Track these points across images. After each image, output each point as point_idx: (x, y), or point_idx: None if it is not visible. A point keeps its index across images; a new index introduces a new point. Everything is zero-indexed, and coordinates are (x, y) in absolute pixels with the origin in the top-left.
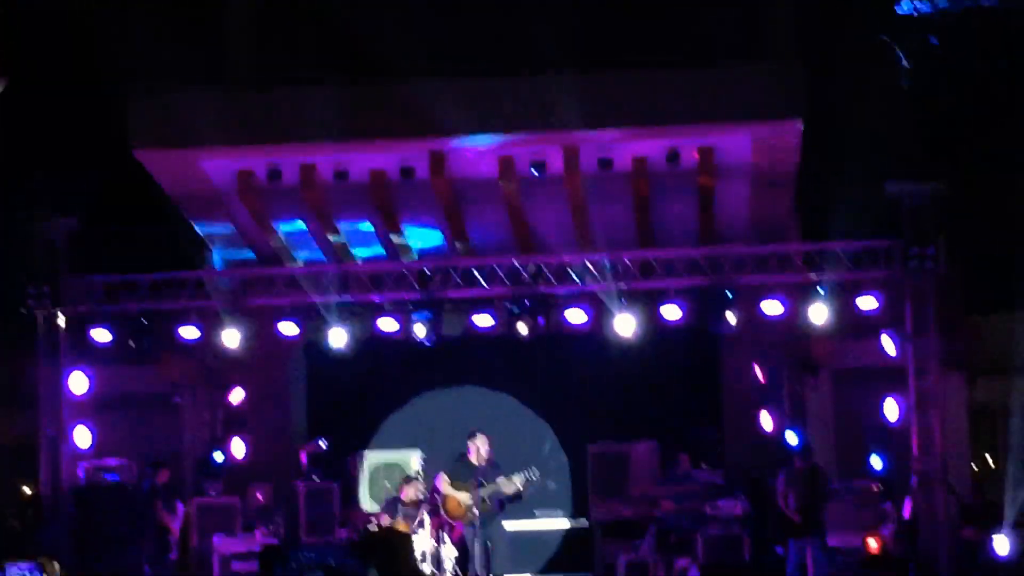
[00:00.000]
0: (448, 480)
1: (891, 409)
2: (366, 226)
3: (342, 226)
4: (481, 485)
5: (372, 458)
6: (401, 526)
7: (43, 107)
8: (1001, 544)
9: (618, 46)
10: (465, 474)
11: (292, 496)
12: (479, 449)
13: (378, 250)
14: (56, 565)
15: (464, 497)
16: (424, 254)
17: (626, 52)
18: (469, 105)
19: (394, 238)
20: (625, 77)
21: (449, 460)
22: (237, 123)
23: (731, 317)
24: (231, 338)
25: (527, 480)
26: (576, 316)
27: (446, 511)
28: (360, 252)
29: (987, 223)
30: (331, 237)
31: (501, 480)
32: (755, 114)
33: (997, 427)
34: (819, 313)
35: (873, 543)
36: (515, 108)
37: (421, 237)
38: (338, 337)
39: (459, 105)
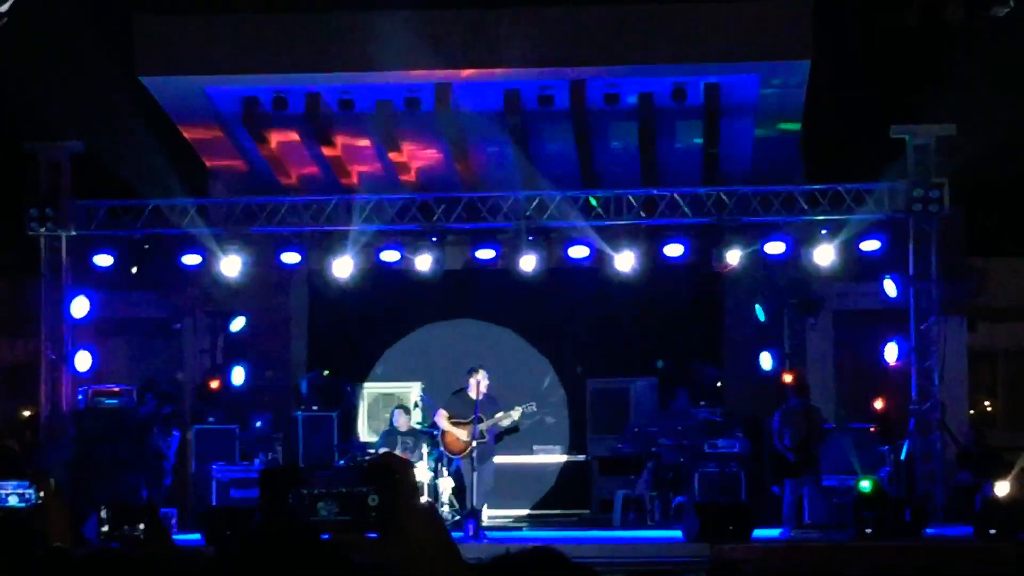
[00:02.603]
0: (447, 415)
1: (891, 352)
2: (364, 142)
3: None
4: (479, 420)
5: (371, 389)
6: (416, 468)
7: (49, 30)
8: (1000, 488)
9: None
10: (464, 409)
11: (291, 425)
12: (478, 384)
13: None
14: (52, 482)
15: (462, 432)
16: (424, 174)
17: None
18: (475, 38)
19: (393, 156)
20: (633, 12)
21: (448, 394)
22: (243, 50)
23: (734, 256)
24: (232, 266)
25: (524, 413)
26: (578, 252)
27: (445, 446)
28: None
29: (991, 166)
30: (326, 151)
31: (499, 414)
32: (763, 53)
33: (997, 372)
34: (822, 254)
35: (865, 485)
36: (522, 42)
37: (421, 157)
38: (342, 267)
39: (465, 38)
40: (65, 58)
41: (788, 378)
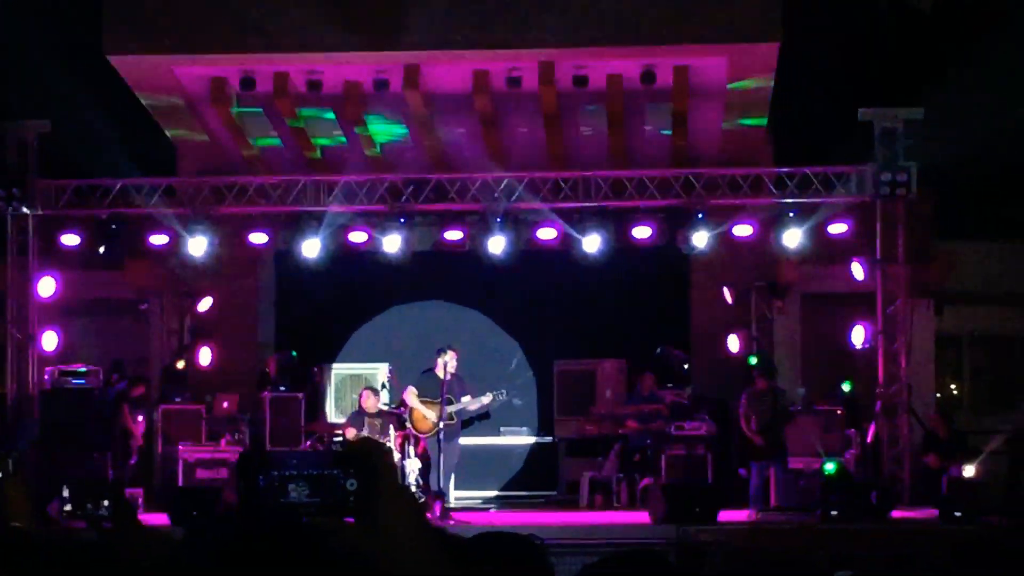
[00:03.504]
0: (416, 394)
1: (858, 335)
2: (329, 114)
3: (303, 112)
4: (449, 401)
5: (339, 370)
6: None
7: (14, 9)
8: (968, 471)
9: None
10: (432, 389)
11: (258, 405)
12: (446, 364)
13: (339, 139)
14: (10, 462)
15: (431, 412)
16: (387, 148)
17: None
18: (445, 18)
19: (358, 130)
20: None
21: (416, 374)
22: (211, 30)
23: (701, 238)
24: (199, 246)
25: (495, 399)
26: (546, 234)
27: (413, 424)
28: (319, 141)
29: (960, 150)
30: (289, 122)
31: (468, 398)
32: (732, 35)
33: (963, 355)
34: (789, 237)
35: (830, 467)
36: (491, 22)
37: (386, 131)
38: (310, 247)
39: (434, 18)
40: (31, 37)
41: (753, 361)
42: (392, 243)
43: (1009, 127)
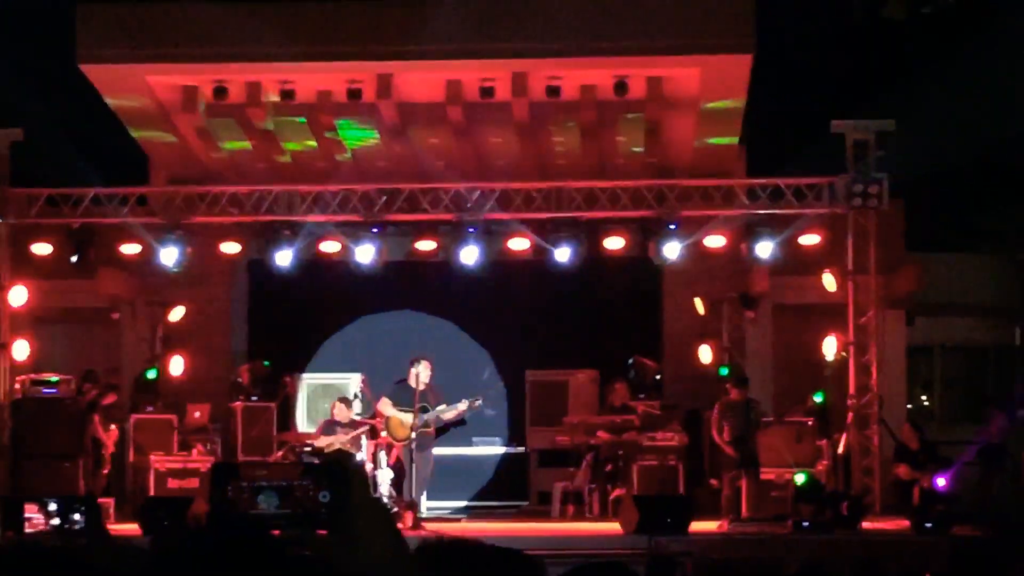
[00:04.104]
0: (390, 403)
1: (829, 346)
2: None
3: (272, 118)
4: (424, 410)
5: (311, 380)
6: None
7: None
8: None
9: None
10: (406, 398)
11: (229, 415)
12: (419, 375)
13: (310, 143)
14: None
15: (405, 420)
16: (359, 153)
17: None
18: (418, 28)
19: (328, 135)
20: (574, 4)
21: (389, 384)
22: (184, 39)
23: (674, 249)
24: (171, 255)
25: (470, 407)
26: (518, 244)
27: (389, 432)
28: (290, 145)
29: (931, 162)
30: (258, 125)
31: (442, 407)
32: (705, 47)
33: (934, 366)
34: (761, 248)
35: (800, 478)
36: (464, 32)
37: (357, 137)
38: (283, 257)
39: (407, 27)
40: (3, 46)
41: (723, 371)
42: (365, 253)
43: (979, 138)
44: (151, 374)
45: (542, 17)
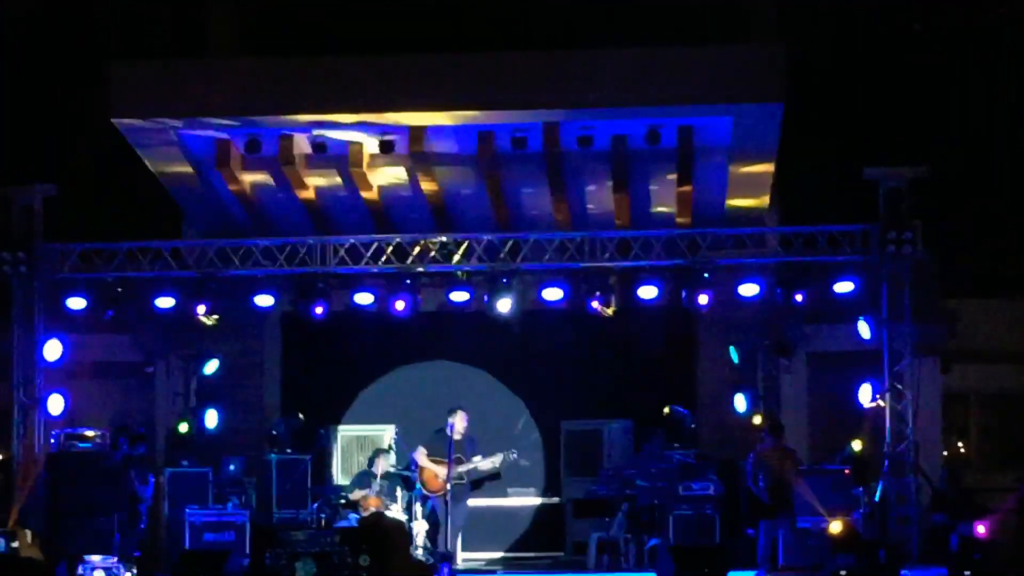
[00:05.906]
0: (426, 453)
1: (865, 393)
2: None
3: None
4: (460, 461)
5: (345, 431)
6: (391, 511)
7: (24, 73)
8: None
9: (601, 25)
10: (443, 449)
11: (264, 468)
12: (457, 424)
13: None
14: (28, 533)
15: (441, 471)
16: (385, 192)
17: (608, 31)
18: (450, 81)
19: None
20: (606, 55)
21: (427, 434)
22: (216, 95)
23: (707, 298)
24: (205, 309)
25: (505, 459)
26: (552, 294)
27: (423, 483)
28: (314, 180)
29: (964, 208)
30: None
31: (478, 458)
32: (736, 95)
33: (970, 413)
34: (795, 296)
35: (836, 527)
36: (496, 84)
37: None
38: (316, 309)
39: (440, 80)
40: (37, 101)
41: (757, 420)
42: (398, 304)
43: (1013, 184)
44: (183, 427)
45: (573, 68)
